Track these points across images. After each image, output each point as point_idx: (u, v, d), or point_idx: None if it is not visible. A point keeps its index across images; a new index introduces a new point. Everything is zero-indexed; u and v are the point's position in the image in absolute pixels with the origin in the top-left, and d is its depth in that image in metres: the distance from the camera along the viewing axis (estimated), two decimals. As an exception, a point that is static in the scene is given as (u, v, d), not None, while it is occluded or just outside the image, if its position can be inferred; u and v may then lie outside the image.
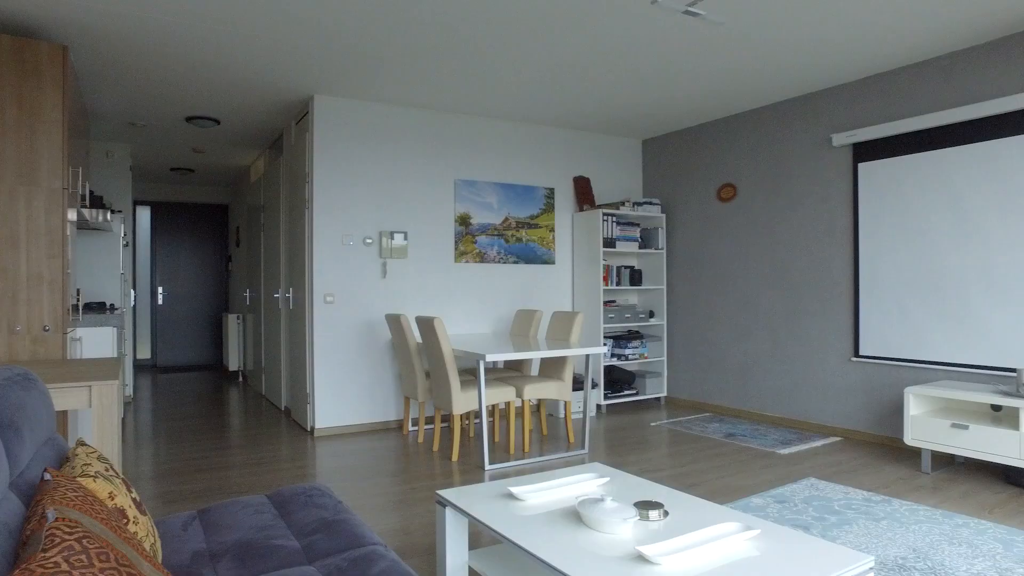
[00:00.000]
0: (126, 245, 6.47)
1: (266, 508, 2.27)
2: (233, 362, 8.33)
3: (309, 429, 5.27)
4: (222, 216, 10.05)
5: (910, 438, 4.03)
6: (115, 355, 4.19)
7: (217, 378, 8.53)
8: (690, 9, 3.45)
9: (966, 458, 4.26)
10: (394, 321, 4.86)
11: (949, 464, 4.20)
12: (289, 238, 5.96)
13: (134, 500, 1.62)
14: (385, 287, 5.41)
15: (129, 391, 6.67)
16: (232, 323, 8.28)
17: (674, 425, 5.41)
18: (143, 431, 5.36)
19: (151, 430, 5.39)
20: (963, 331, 4.28)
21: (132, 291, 7.53)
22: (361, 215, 5.32)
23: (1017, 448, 3.57)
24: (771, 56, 4.38)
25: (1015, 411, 3.84)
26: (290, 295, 5.81)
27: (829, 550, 1.76)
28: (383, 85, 4.94)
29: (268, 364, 6.76)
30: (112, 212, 5.65)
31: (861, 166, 4.83)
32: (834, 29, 3.93)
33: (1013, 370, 4.05)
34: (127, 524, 1.50)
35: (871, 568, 1.71)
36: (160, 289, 9.55)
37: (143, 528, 1.56)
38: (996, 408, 4.00)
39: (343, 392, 5.26)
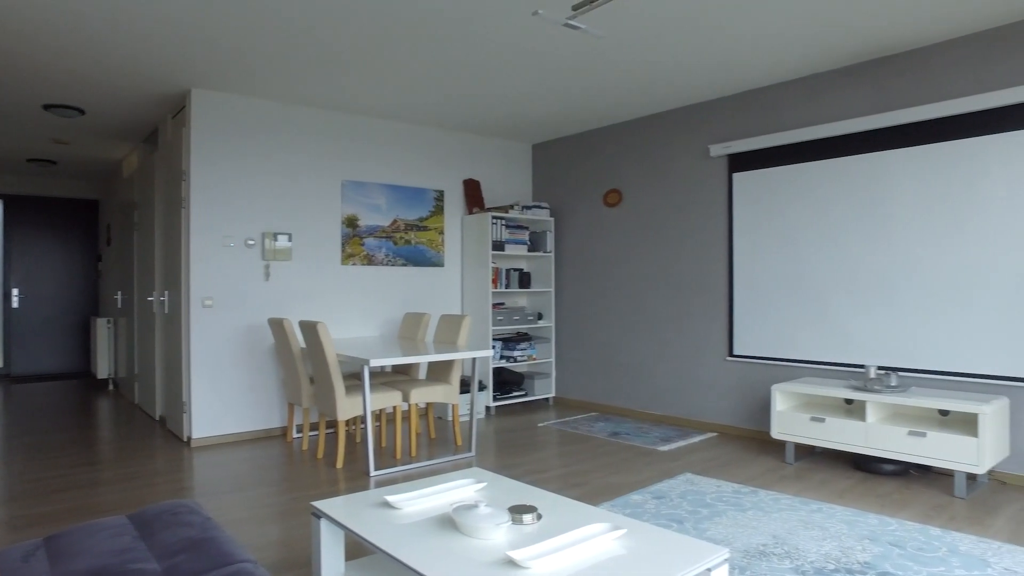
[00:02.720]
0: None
1: (126, 530, 2.13)
2: (102, 370, 7.77)
3: (186, 439, 5.00)
4: (91, 212, 9.35)
5: (776, 432, 4.32)
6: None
7: (84, 387, 7.93)
8: (570, 22, 3.55)
9: (824, 448, 4.61)
10: (277, 325, 4.69)
11: (810, 454, 4.53)
12: (165, 238, 5.63)
13: (-39, 530, 1.48)
14: (268, 290, 5.22)
15: (-22, 404, 6.08)
16: (102, 327, 7.73)
17: (562, 425, 5.53)
18: (-7, 448, 4.90)
19: (0, 448, 4.94)
20: (825, 331, 4.63)
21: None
22: (242, 215, 5.10)
23: (864, 437, 3.91)
24: (652, 69, 4.57)
25: (863, 404, 4.20)
26: (165, 298, 5.49)
27: (689, 545, 1.86)
28: (267, 81, 4.76)
29: (142, 371, 6.36)
30: (-44, 207, 5.13)
31: (735, 176, 5.12)
32: (710, 47, 4.15)
33: (863, 366, 4.43)
34: (-50, 558, 1.36)
35: (726, 559, 1.82)
36: (16, 291, 8.76)
37: (-29, 561, 1.43)
38: (848, 402, 4.36)
39: (223, 399, 5.03)
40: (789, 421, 4.26)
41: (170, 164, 5.40)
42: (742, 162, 5.08)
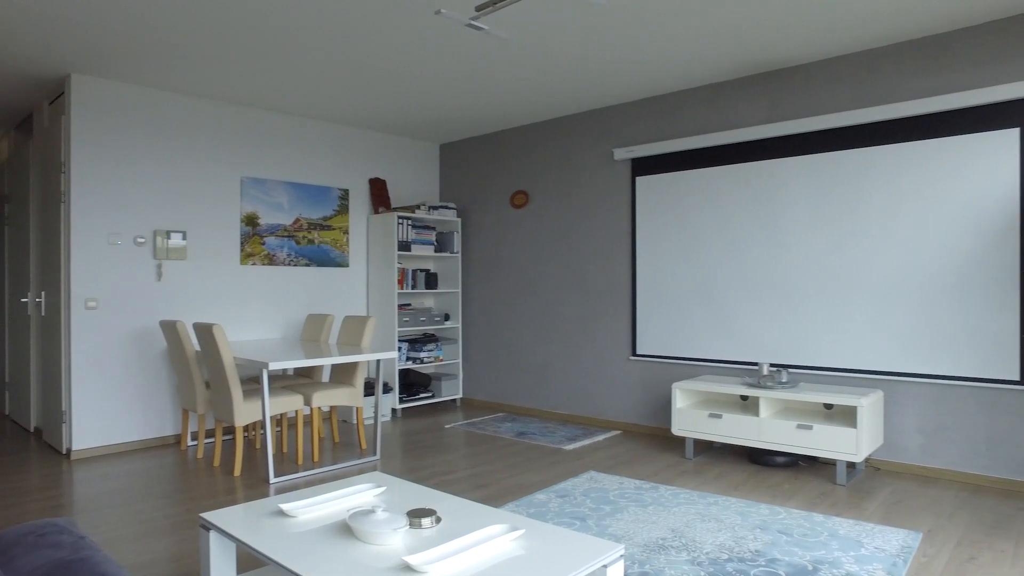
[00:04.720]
0: None
1: (-18, 554, 1.94)
2: (-30, 378, 7.12)
3: (65, 452, 4.65)
4: (-42, 206, 8.55)
5: (676, 428, 4.46)
6: None
7: (-51, 397, 7.23)
8: (473, 23, 3.53)
9: (722, 443, 4.80)
10: (169, 328, 4.44)
11: (708, 450, 4.71)
12: (41, 234, 5.21)
13: None
14: (160, 291, 4.93)
15: None
16: (-31, 332, 7.08)
17: (468, 426, 5.51)
18: None
19: None
20: (724, 331, 4.82)
21: None
22: (131, 212, 4.80)
23: (757, 432, 4.09)
24: (557, 73, 4.62)
25: (756, 400, 4.40)
26: (42, 300, 5.09)
27: (586, 543, 1.88)
28: (158, 69, 4.49)
29: (14, 379, 5.87)
30: None
31: (639, 180, 5.26)
32: (613, 52, 4.24)
33: (758, 364, 4.64)
34: None
35: (621, 555, 1.85)
36: None
37: None
38: (744, 398, 4.56)
39: (109, 407, 4.71)
40: (688, 418, 4.40)
41: (47, 155, 5.00)
42: (645, 166, 5.22)
